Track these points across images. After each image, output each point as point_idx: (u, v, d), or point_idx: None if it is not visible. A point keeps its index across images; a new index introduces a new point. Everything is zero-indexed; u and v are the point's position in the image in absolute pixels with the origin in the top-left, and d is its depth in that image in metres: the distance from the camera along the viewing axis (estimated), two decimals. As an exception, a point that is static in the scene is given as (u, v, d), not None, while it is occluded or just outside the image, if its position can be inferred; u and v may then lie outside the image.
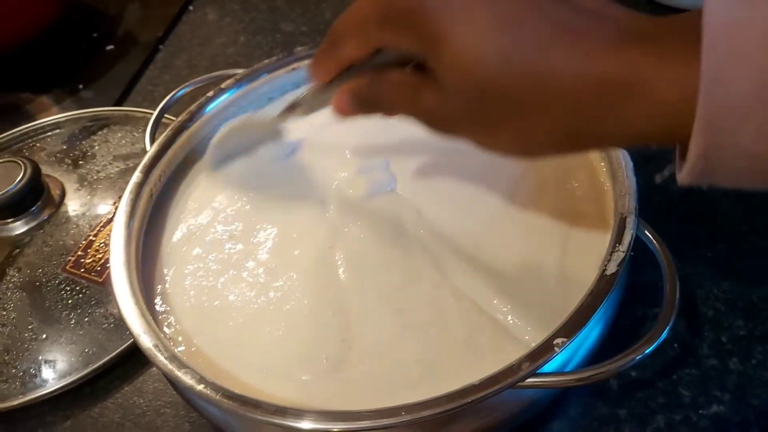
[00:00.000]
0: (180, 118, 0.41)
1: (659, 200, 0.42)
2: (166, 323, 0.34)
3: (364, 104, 0.29)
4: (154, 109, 0.52)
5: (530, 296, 0.32)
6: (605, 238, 0.32)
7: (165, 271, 0.36)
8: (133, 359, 0.39)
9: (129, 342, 0.39)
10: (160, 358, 0.29)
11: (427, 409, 0.26)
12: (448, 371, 0.30)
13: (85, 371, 0.38)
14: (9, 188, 0.42)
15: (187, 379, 0.28)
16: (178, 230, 0.38)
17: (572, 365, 0.30)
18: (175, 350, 0.31)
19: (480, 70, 0.23)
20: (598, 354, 0.31)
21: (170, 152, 0.40)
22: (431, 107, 0.26)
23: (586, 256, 0.32)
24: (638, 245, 0.31)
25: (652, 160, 0.44)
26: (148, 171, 0.38)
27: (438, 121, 0.27)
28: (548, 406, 0.33)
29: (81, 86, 0.60)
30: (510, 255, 0.34)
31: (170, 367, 0.29)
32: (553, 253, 0.33)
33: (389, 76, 0.27)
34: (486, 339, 0.31)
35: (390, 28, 0.25)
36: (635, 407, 0.34)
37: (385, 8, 0.25)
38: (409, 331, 0.31)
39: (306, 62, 0.44)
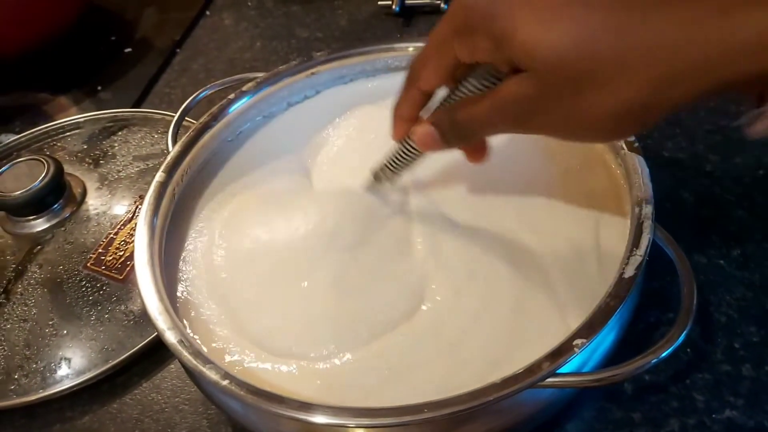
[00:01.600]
0: (202, 120, 0.42)
1: (672, 207, 0.43)
2: (189, 320, 0.34)
3: (449, 133, 0.30)
4: (172, 111, 0.53)
5: (577, 282, 0.33)
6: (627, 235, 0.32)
7: (187, 268, 0.37)
8: (152, 356, 0.40)
9: (148, 339, 0.39)
10: (186, 354, 0.30)
11: (449, 406, 0.27)
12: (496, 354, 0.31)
13: (105, 367, 0.38)
14: (32, 185, 0.43)
15: (212, 374, 0.29)
16: (201, 228, 0.39)
17: (588, 367, 0.30)
18: (199, 346, 0.31)
19: (570, 50, 0.24)
20: (613, 358, 0.31)
21: (192, 153, 0.40)
22: (517, 97, 0.26)
23: (617, 247, 0.32)
24: (652, 252, 0.32)
25: (664, 167, 0.45)
26: (171, 171, 0.39)
27: (523, 113, 0.27)
28: (563, 409, 0.34)
29: (99, 88, 0.61)
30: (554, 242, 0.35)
31: (195, 362, 0.29)
32: (589, 241, 0.34)
33: (469, 97, 0.29)
34: (534, 324, 0.32)
35: (468, 35, 0.26)
36: (649, 411, 0.34)
37: (462, 19, 0.26)
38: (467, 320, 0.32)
39: (325, 66, 0.45)
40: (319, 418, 0.27)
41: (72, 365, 0.39)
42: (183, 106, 0.44)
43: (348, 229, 0.36)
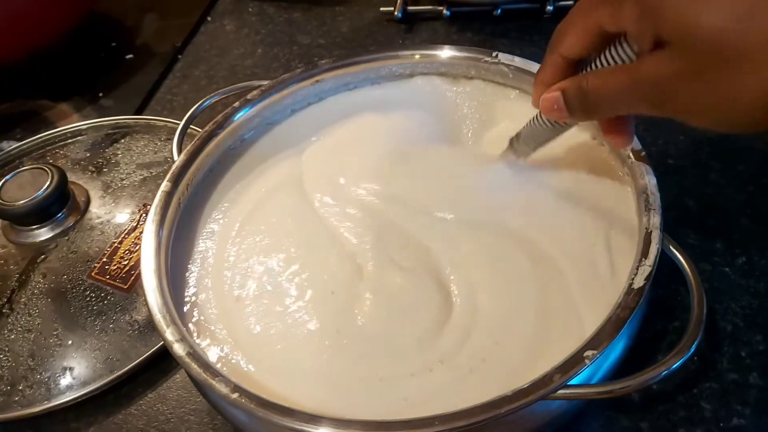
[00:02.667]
0: (207, 128, 0.41)
1: (676, 215, 0.43)
2: (197, 331, 0.34)
3: (574, 102, 0.28)
4: (175, 118, 0.53)
5: (591, 289, 0.33)
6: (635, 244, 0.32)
7: (194, 279, 0.37)
8: (157, 366, 0.40)
9: (153, 349, 0.39)
10: (195, 366, 0.30)
11: (460, 419, 0.27)
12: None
13: (110, 378, 0.38)
14: (36, 195, 0.43)
15: (221, 387, 0.29)
16: (206, 239, 0.39)
17: (597, 378, 0.30)
18: (207, 357, 0.31)
19: (725, 27, 0.22)
20: (621, 368, 0.31)
21: (197, 162, 0.40)
22: (658, 76, 0.25)
23: (627, 255, 0.33)
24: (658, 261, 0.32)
25: (667, 175, 0.45)
26: (176, 180, 0.39)
27: (662, 93, 0.25)
28: (572, 419, 0.34)
29: (101, 94, 0.61)
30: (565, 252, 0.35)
31: (205, 375, 0.29)
32: (601, 249, 0.34)
33: (604, 69, 0.27)
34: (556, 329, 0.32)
35: (615, 1, 0.25)
36: (657, 420, 0.34)
37: None
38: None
39: (329, 74, 0.45)
40: (328, 431, 0.27)
41: (76, 376, 0.39)
42: (188, 114, 0.43)
43: (361, 243, 0.36)
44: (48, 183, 0.43)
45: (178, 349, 0.30)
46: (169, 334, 0.31)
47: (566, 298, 0.33)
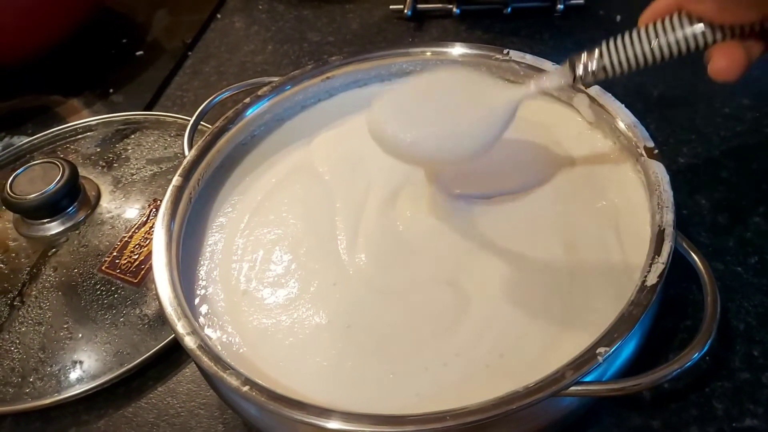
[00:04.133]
0: (218, 124, 0.42)
1: (688, 213, 0.43)
2: (207, 325, 0.34)
3: None
4: (185, 114, 0.53)
5: (605, 285, 0.33)
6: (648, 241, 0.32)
7: (204, 272, 0.37)
8: (167, 360, 0.40)
9: (163, 343, 0.39)
10: (205, 359, 0.30)
11: (472, 414, 0.26)
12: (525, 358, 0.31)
13: (120, 371, 0.38)
14: (48, 188, 0.43)
15: (232, 380, 0.29)
16: (216, 232, 0.39)
17: (609, 375, 0.30)
18: (218, 350, 0.31)
19: None
20: (633, 366, 0.31)
21: (208, 157, 0.40)
22: None
23: (641, 253, 0.32)
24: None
25: (680, 173, 0.45)
26: (187, 175, 0.39)
27: None
28: (583, 416, 0.33)
29: (111, 90, 0.61)
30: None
31: (215, 368, 0.29)
32: (617, 251, 0.34)
33: None
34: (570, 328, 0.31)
35: None
36: (669, 419, 0.34)
37: None
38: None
39: (340, 70, 0.45)
40: (339, 425, 0.27)
41: (87, 369, 0.39)
42: (199, 110, 0.44)
43: (375, 230, 0.36)
44: (59, 177, 0.43)
45: (189, 341, 0.30)
46: (180, 327, 0.31)
47: (582, 294, 0.33)
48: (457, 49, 0.44)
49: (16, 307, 0.42)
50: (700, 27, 0.28)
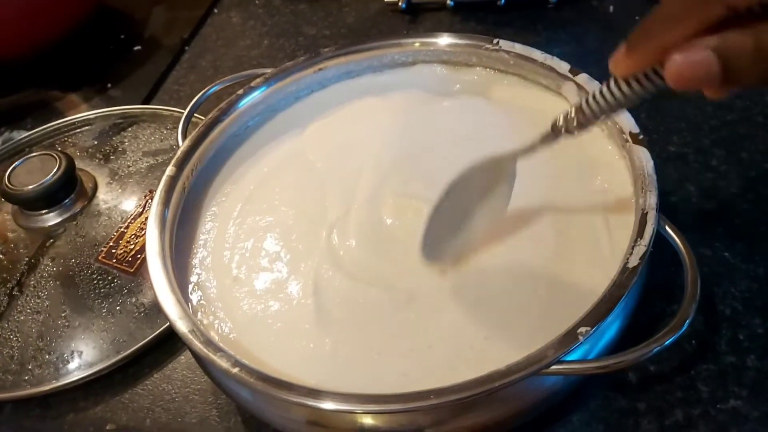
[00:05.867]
0: (212, 115, 0.42)
1: (677, 200, 0.43)
2: (199, 311, 0.35)
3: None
4: (181, 108, 0.54)
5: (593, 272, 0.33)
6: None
7: (197, 260, 0.37)
8: (163, 348, 0.40)
9: (158, 331, 0.40)
10: (197, 343, 0.30)
11: (455, 393, 0.27)
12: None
13: (116, 358, 0.39)
14: (45, 180, 0.44)
15: (222, 362, 0.29)
16: (209, 221, 0.39)
17: (593, 355, 0.31)
18: (210, 335, 0.32)
19: None
20: (617, 347, 0.32)
21: (202, 147, 0.41)
22: None
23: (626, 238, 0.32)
24: (656, 244, 0.32)
25: (669, 161, 0.45)
26: (181, 165, 0.39)
27: None
28: (568, 398, 0.34)
29: (109, 85, 0.62)
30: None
31: (206, 351, 0.30)
32: (602, 232, 0.35)
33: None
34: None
35: None
36: (654, 401, 0.35)
37: None
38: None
39: (332, 62, 0.46)
40: (326, 404, 0.28)
41: (84, 356, 0.39)
42: (193, 102, 0.44)
43: (363, 212, 0.37)
44: (56, 169, 0.44)
45: (181, 326, 0.31)
46: (173, 313, 0.32)
47: (568, 277, 0.34)
48: (445, 39, 0.44)
49: (15, 296, 0.42)
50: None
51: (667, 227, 0.33)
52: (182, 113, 0.44)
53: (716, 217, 0.42)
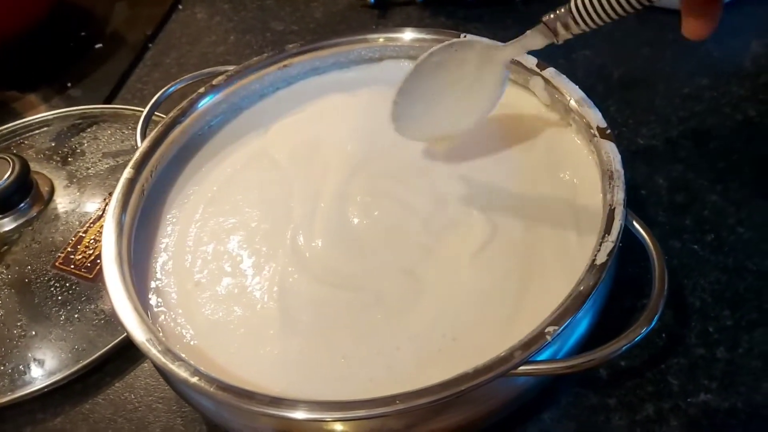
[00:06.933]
0: (171, 114, 0.41)
1: (646, 193, 0.43)
2: (160, 318, 0.34)
3: None
4: (144, 107, 0.52)
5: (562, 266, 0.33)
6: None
7: (158, 266, 0.36)
8: (124, 355, 0.39)
9: (119, 338, 0.38)
10: (154, 351, 0.29)
11: (422, 397, 0.26)
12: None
13: (76, 368, 0.38)
14: (-3, 184, 0.42)
15: (181, 371, 0.28)
16: (170, 224, 0.38)
17: (562, 354, 0.30)
18: (169, 344, 0.30)
19: None
20: (587, 345, 0.31)
21: (162, 148, 0.40)
22: None
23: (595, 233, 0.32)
24: (626, 239, 0.31)
25: (638, 154, 0.45)
26: (139, 167, 0.38)
27: None
28: (539, 396, 0.34)
29: (69, 84, 0.60)
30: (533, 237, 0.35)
31: (164, 360, 0.29)
32: (572, 232, 0.34)
33: None
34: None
35: None
36: (625, 396, 0.34)
37: None
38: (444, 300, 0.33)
39: (297, 58, 0.45)
40: (289, 413, 0.27)
41: (42, 366, 0.38)
42: (152, 101, 0.43)
43: (327, 213, 0.36)
44: (9, 172, 0.42)
45: (138, 335, 0.30)
46: (129, 321, 0.31)
47: (537, 275, 0.33)
48: (410, 34, 0.43)
49: (-32, 306, 0.41)
50: None
51: (635, 222, 0.33)
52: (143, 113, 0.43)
53: (685, 209, 0.42)
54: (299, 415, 0.27)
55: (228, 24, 0.65)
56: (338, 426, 0.29)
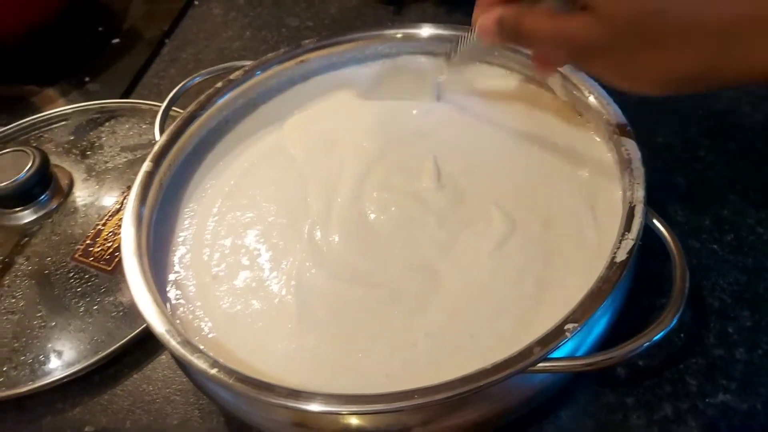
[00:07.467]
0: (190, 108, 0.41)
1: (665, 192, 0.43)
2: (178, 310, 0.34)
3: (507, 32, 0.31)
4: (161, 102, 0.52)
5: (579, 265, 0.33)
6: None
7: (176, 259, 0.36)
8: (142, 347, 0.39)
9: (138, 330, 0.39)
10: (173, 343, 0.29)
11: (440, 392, 0.26)
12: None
13: (94, 359, 0.38)
14: (18, 177, 0.42)
15: (200, 363, 0.29)
16: (188, 217, 0.38)
17: (581, 351, 0.30)
18: (188, 335, 0.31)
19: (646, 7, 0.26)
20: (606, 343, 0.31)
21: (180, 142, 0.40)
22: (579, 37, 0.28)
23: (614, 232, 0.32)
24: (645, 237, 0.31)
25: (657, 152, 0.45)
26: (158, 160, 0.38)
27: (581, 51, 0.28)
28: (557, 394, 0.33)
29: (87, 79, 0.60)
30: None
31: (183, 351, 0.29)
32: (589, 225, 0.34)
33: (539, 7, 0.29)
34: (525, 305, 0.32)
35: None
36: (643, 395, 0.34)
37: None
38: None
39: (314, 54, 0.45)
40: (308, 406, 0.27)
41: (61, 357, 0.38)
42: (170, 96, 0.43)
43: (343, 208, 0.36)
44: (30, 165, 0.43)
45: (158, 326, 0.30)
46: (149, 312, 0.31)
47: (556, 272, 0.33)
48: (428, 30, 0.43)
49: (-11, 296, 0.41)
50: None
51: (655, 220, 0.32)
52: (161, 107, 0.43)
53: (704, 208, 0.42)
54: (317, 407, 0.27)
55: (244, 20, 0.66)
56: (355, 419, 0.29)
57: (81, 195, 0.45)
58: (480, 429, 0.31)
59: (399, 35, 0.44)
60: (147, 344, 0.39)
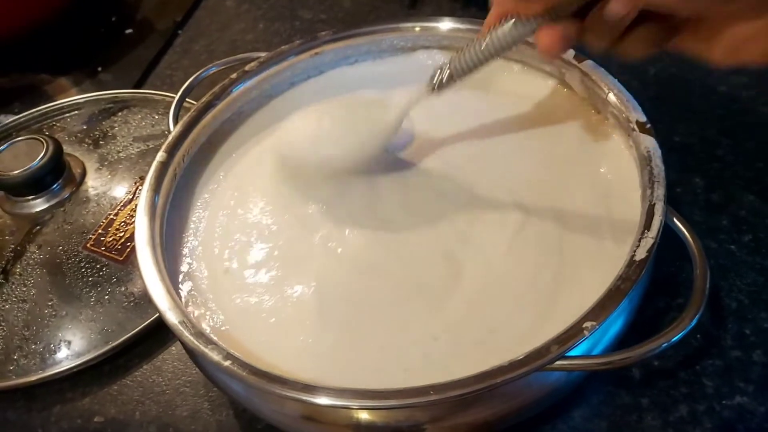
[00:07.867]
0: (204, 99, 0.41)
1: (683, 191, 0.42)
2: (191, 302, 0.34)
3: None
4: (174, 93, 0.52)
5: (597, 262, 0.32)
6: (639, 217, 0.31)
7: (187, 249, 0.36)
8: (153, 338, 0.39)
9: (149, 320, 0.39)
10: (186, 334, 0.29)
11: (455, 389, 0.26)
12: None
13: (105, 349, 0.38)
14: (31, 165, 0.42)
15: (213, 355, 0.28)
16: (201, 209, 0.38)
17: (597, 351, 0.30)
18: (201, 326, 0.30)
19: None
20: (622, 343, 0.31)
21: (194, 133, 0.40)
22: None
23: (632, 229, 0.32)
24: (662, 234, 0.31)
25: (674, 152, 0.44)
26: (172, 150, 0.38)
27: None
28: (572, 393, 0.33)
29: (100, 69, 0.60)
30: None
31: (196, 343, 0.29)
32: (607, 226, 0.34)
33: None
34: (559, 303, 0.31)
35: None
36: (658, 396, 0.34)
37: None
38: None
39: (329, 46, 0.45)
40: (321, 400, 0.27)
41: (71, 346, 0.38)
42: (185, 86, 0.43)
43: (359, 205, 0.36)
44: (43, 153, 0.43)
45: (171, 317, 0.30)
46: (163, 303, 0.31)
47: (572, 268, 0.32)
48: (446, 24, 0.43)
49: (1, 284, 0.41)
50: (510, 23, 0.31)
51: (675, 219, 0.32)
52: (174, 98, 0.43)
53: (722, 208, 0.41)
54: (330, 401, 0.27)
55: (257, 12, 0.65)
56: (365, 415, 0.29)
57: (93, 184, 0.45)
58: (492, 427, 0.31)
59: (417, 28, 0.44)
60: (157, 335, 0.39)
